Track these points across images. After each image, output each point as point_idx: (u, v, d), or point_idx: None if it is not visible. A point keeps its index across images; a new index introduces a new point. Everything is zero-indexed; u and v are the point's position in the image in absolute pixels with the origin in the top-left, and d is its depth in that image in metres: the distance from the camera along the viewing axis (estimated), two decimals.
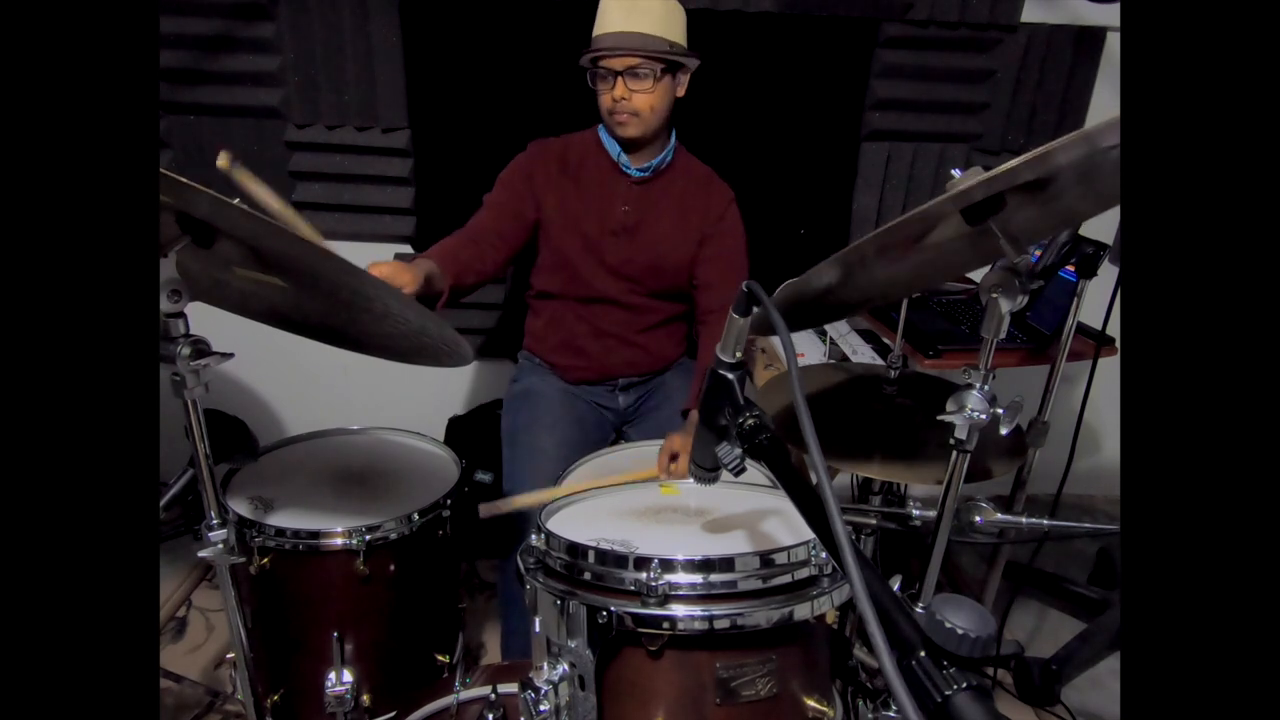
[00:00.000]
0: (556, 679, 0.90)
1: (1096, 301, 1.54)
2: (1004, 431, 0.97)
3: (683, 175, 1.73)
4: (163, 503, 1.63)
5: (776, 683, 0.90)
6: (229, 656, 1.39)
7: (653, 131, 1.62)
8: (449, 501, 1.42)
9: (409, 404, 2.14)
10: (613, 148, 1.67)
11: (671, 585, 0.87)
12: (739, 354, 0.88)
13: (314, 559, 1.32)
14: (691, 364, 1.88)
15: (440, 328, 1.12)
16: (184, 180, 0.77)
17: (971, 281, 2.10)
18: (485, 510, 1.38)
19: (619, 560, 0.90)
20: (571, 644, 0.89)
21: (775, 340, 2.06)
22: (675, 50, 1.54)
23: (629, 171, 1.67)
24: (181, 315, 0.96)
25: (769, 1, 2.04)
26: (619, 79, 1.54)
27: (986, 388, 0.97)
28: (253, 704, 1.25)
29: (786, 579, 0.91)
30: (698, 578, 0.88)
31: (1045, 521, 1.21)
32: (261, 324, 1.22)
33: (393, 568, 1.36)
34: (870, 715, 1.13)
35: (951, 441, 1.02)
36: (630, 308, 1.74)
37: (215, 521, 1.09)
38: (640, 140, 1.63)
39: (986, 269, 0.96)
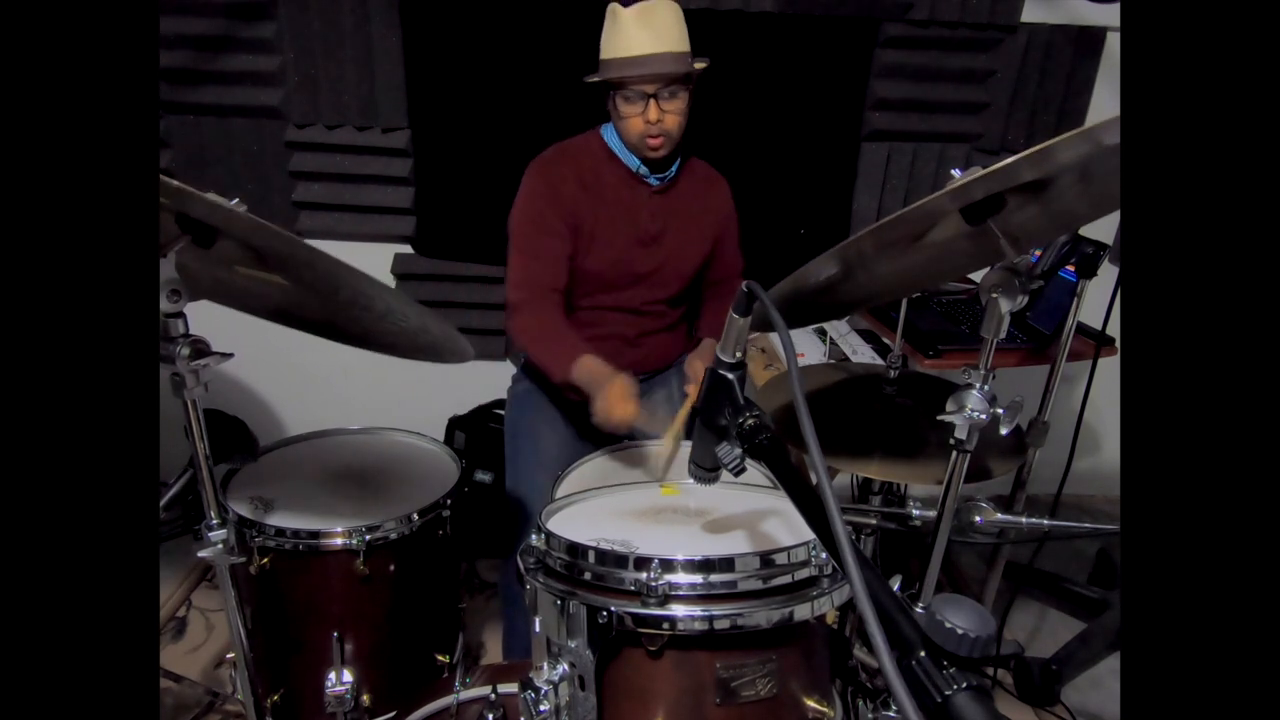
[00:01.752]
0: (556, 679, 0.90)
1: (1096, 301, 1.54)
2: (1004, 431, 0.97)
3: (688, 175, 1.72)
4: (163, 503, 1.63)
5: (776, 683, 0.90)
6: (229, 656, 1.40)
7: (677, 146, 1.61)
8: (449, 501, 1.42)
9: (409, 404, 2.14)
10: (630, 159, 1.62)
11: (671, 585, 0.87)
12: (739, 354, 0.88)
13: (314, 559, 1.32)
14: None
15: (440, 326, 1.12)
16: (182, 185, 0.77)
17: (971, 281, 2.10)
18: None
19: (619, 560, 0.90)
20: (571, 644, 0.89)
21: (775, 340, 2.06)
22: (697, 61, 1.52)
23: (650, 181, 1.64)
24: (181, 315, 0.96)
25: (769, 1, 2.04)
26: (652, 101, 1.49)
27: (986, 388, 0.97)
28: (253, 704, 1.25)
29: (786, 579, 0.91)
30: (698, 578, 0.88)
31: (1045, 521, 1.21)
32: (262, 323, 1.22)
33: (393, 568, 1.36)
34: (870, 715, 1.13)
35: (951, 441, 1.02)
36: (641, 314, 1.74)
37: (215, 521, 1.09)
38: (668, 158, 1.61)
39: (986, 269, 0.96)
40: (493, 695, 1.13)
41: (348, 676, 1.35)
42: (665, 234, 1.68)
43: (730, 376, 0.87)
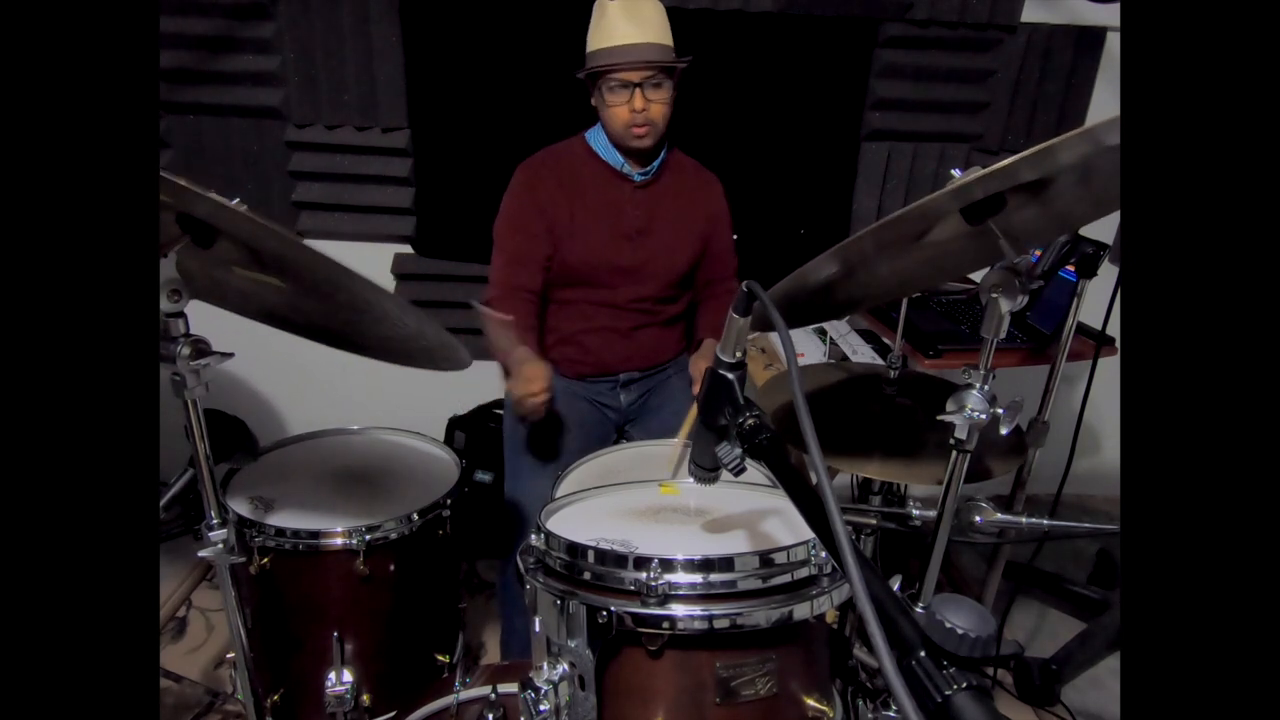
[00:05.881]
0: (556, 679, 0.90)
1: (1096, 301, 1.54)
2: (1004, 431, 0.97)
3: (676, 171, 1.74)
4: (163, 503, 1.63)
5: (776, 682, 0.90)
6: (229, 656, 1.39)
7: (661, 139, 1.63)
8: (449, 501, 1.42)
9: (409, 404, 2.14)
10: (613, 156, 1.65)
11: (671, 585, 0.87)
12: (739, 354, 0.88)
13: (314, 559, 1.32)
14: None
15: (438, 332, 1.12)
16: (183, 183, 0.77)
17: (971, 281, 2.10)
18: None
19: (619, 560, 0.90)
20: (571, 644, 0.89)
21: (775, 339, 2.06)
22: (681, 56, 1.56)
23: (632, 177, 1.67)
24: (181, 315, 0.96)
25: (769, 1, 2.04)
26: (638, 90, 1.52)
27: (986, 388, 0.97)
28: (253, 704, 1.25)
29: (786, 579, 0.91)
30: (697, 577, 0.88)
31: (1045, 521, 1.21)
32: (262, 324, 1.22)
33: (393, 568, 1.36)
34: (870, 715, 1.13)
35: (951, 441, 1.02)
36: (633, 310, 1.74)
37: (215, 521, 1.09)
38: (652, 150, 1.63)
39: (986, 269, 0.96)
40: (493, 695, 1.13)
41: (348, 676, 1.35)
42: (651, 229, 1.69)
43: (730, 376, 0.87)
